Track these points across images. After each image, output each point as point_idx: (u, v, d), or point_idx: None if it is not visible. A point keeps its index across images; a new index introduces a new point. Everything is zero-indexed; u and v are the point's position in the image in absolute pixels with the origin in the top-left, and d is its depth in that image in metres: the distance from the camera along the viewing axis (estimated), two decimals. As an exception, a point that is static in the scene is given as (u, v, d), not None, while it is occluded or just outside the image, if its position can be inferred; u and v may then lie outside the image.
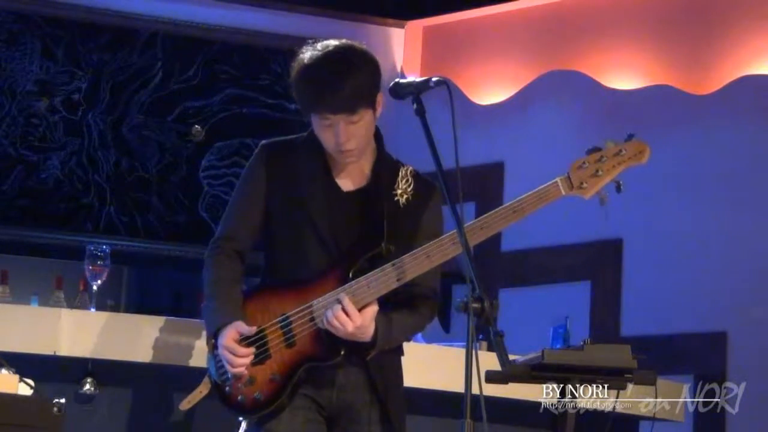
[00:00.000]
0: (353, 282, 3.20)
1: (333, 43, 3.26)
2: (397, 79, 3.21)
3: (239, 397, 3.24)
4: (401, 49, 7.20)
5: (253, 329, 3.23)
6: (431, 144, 3.05)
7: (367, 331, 3.19)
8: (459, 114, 2.95)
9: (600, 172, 3.21)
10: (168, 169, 6.93)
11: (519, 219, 3.20)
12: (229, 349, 3.21)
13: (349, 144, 3.23)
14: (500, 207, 3.21)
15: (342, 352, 3.21)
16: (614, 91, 6.48)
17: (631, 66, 6.49)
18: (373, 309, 3.18)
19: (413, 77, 3.23)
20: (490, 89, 6.92)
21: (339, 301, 3.17)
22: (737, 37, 6.19)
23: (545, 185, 3.23)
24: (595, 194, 3.22)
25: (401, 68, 7.14)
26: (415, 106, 3.12)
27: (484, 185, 6.72)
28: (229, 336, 3.22)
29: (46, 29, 6.81)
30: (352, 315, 3.15)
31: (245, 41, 7.09)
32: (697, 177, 6.02)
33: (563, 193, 3.22)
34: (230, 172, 7.00)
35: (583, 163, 3.22)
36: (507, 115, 6.82)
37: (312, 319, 3.22)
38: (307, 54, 3.25)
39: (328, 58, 3.21)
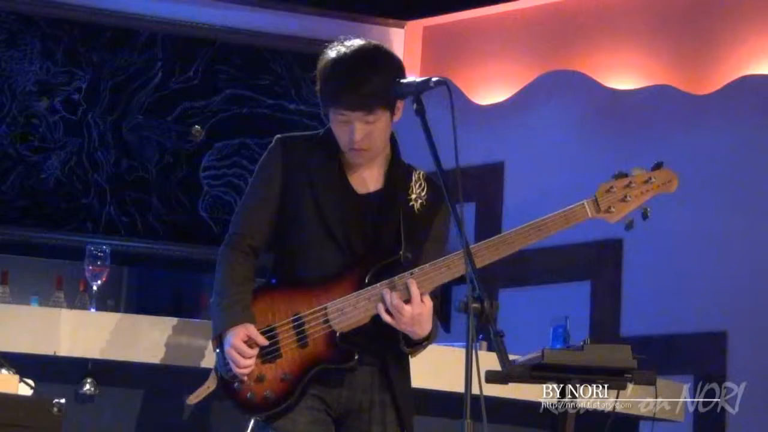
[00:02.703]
0: (370, 288, 3.19)
1: (361, 42, 3.27)
2: (397, 80, 3.21)
3: (248, 394, 3.23)
4: (401, 49, 7.19)
5: (264, 339, 3.22)
6: (431, 144, 3.05)
7: (427, 324, 3.18)
8: (459, 114, 2.94)
9: (628, 198, 3.25)
10: (168, 169, 6.93)
11: (542, 238, 3.22)
12: (237, 350, 3.20)
13: (362, 143, 3.23)
14: (524, 224, 3.21)
15: (356, 357, 3.21)
16: (614, 91, 6.48)
17: (631, 66, 6.49)
18: (431, 301, 3.17)
19: (413, 77, 3.22)
20: (490, 89, 6.92)
21: (394, 289, 3.15)
22: (737, 37, 6.19)
23: (571, 206, 3.24)
24: (620, 219, 3.25)
25: (401, 68, 7.13)
26: (415, 105, 3.12)
27: (484, 185, 6.72)
28: (238, 336, 3.20)
29: (46, 29, 6.81)
30: (414, 301, 3.13)
31: (245, 41, 7.09)
32: (697, 177, 6.01)
33: (589, 215, 3.25)
34: (230, 172, 7.00)
35: (611, 187, 3.25)
36: (507, 115, 6.82)
37: (326, 321, 3.21)
38: (334, 49, 3.26)
39: (355, 55, 3.22)
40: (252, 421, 3.33)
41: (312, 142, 3.36)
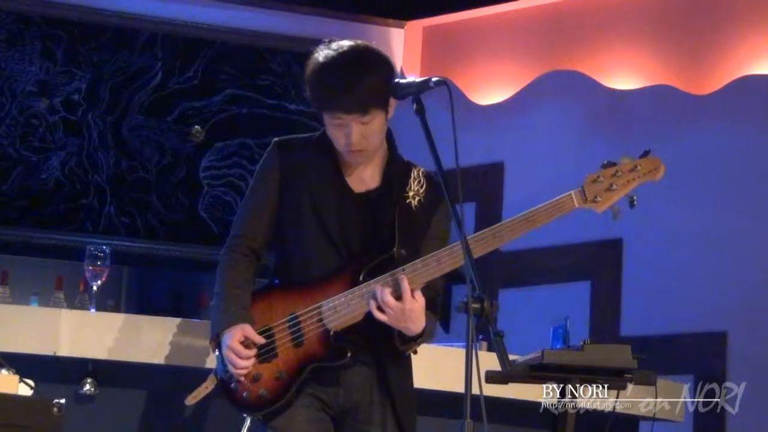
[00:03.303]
0: (362, 285, 3.20)
1: (348, 43, 3.26)
2: (397, 79, 3.21)
3: (244, 394, 3.25)
4: (401, 49, 7.20)
5: (261, 339, 3.24)
6: (431, 144, 3.06)
7: (420, 320, 3.17)
8: (459, 114, 2.94)
9: (615, 187, 3.24)
10: (168, 169, 6.93)
11: (531, 229, 3.21)
12: (234, 351, 3.22)
13: (359, 144, 3.24)
14: (513, 217, 3.22)
15: (349, 354, 3.22)
16: (614, 91, 6.48)
17: (631, 66, 6.49)
18: (423, 298, 3.17)
19: (413, 77, 3.23)
20: (490, 89, 6.92)
21: (385, 286, 3.15)
22: (737, 37, 6.18)
23: (559, 197, 3.24)
24: (608, 208, 3.25)
25: (401, 68, 7.13)
26: (415, 106, 3.12)
27: (484, 185, 6.72)
28: (235, 337, 3.23)
29: (46, 29, 6.81)
30: (405, 297, 3.13)
31: (245, 41, 7.09)
32: (697, 177, 6.02)
33: (576, 205, 3.24)
34: (230, 172, 7.00)
35: (598, 177, 3.25)
36: (507, 115, 6.82)
37: (320, 320, 3.22)
38: (322, 53, 3.25)
39: (344, 57, 3.22)
40: (248, 420, 3.34)
41: (309, 144, 3.37)
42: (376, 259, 3.23)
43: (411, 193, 3.35)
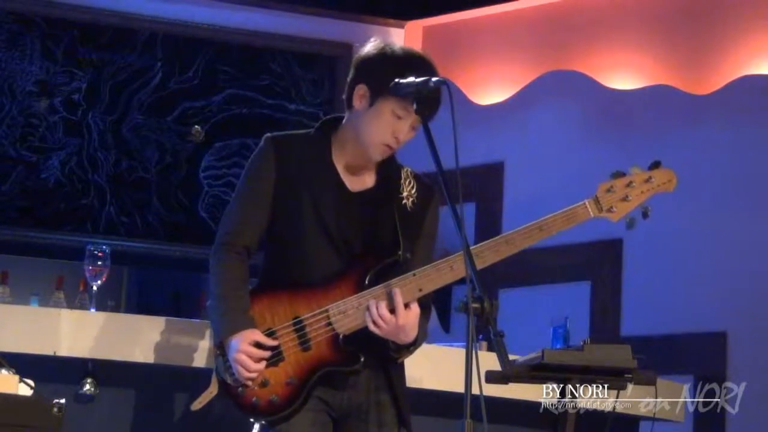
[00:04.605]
0: (372, 289, 3.18)
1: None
2: (397, 79, 3.21)
3: (253, 399, 3.21)
4: (401, 50, 7.20)
5: (273, 342, 3.20)
6: (431, 144, 3.05)
7: (413, 331, 3.17)
8: (459, 114, 2.94)
9: (629, 198, 3.28)
10: (168, 169, 6.93)
11: (544, 237, 3.23)
12: (247, 353, 3.17)
13: (401, 144, 3.25)
14: (526, 225, 3.22)
15: (362, 359, 3.19)
16: (614, 91, 6.48)
17: (631, 66, 6.49)
18: (417, 309, 3.17)
19: (413, 77, 3.22)
20: (490, 89, 6.92)
21: (381, 298, 3.14)
22: (737, 37, 6.19)
23: (573, 206, 3.25)
24: (622, 218, 3.27)
25: (401, 68, 7.13)
26: (415, 106, 3.12)
27: (484, 185, 6.72)
28: (245, 341, 3.17)
29: (46, 29, 6.81)
30: (399, 312, 3.13)
31: (245, 41, 7.09)
32: (696, 177, 6.02)
33: (591, 215, 3.27)
34: (230, 172, 7.01)
35: (611, 186, 3.27)
36: (507, 115, 6.82)
37: (329, 324, 3.19)
38: (392, 46, 3.33)
39: (428, 59, 3.31)
40: (257, 426, 3.31)
41: (303, 141, 3.33)
42: (382, 262, 3.21)
43: (405, 194, 3.33)
